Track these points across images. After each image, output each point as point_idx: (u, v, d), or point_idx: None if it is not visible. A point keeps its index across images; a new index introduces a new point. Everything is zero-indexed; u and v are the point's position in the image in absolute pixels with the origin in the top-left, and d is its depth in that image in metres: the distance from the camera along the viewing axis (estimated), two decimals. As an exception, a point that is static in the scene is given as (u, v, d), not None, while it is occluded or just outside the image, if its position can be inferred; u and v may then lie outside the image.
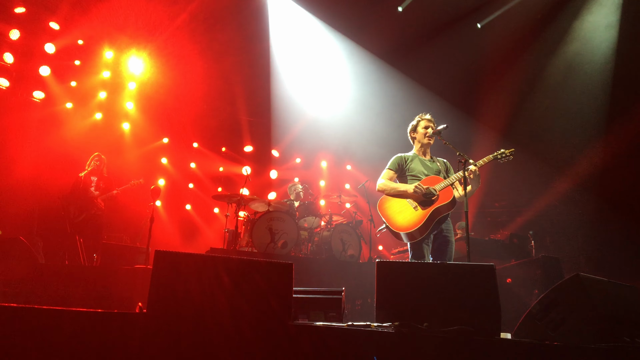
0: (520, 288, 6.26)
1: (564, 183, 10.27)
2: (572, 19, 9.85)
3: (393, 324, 2.84)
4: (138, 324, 2.74)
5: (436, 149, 5.46)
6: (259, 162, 12.81)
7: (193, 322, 2.76)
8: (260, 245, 7.79)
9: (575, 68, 9.99)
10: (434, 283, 3.08)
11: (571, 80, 10.04)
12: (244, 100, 12.36)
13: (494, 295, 2.96)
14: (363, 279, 7.24)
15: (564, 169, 10.25)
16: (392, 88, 11.29)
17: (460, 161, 4.75)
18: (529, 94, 10.60)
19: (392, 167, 5.24)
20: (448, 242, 4.93)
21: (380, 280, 3.13)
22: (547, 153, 10.48)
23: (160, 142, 12.05)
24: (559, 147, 10.40)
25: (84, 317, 2.73)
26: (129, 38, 10.67)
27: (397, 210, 4.93)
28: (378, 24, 10.65)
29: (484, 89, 10.89)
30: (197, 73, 11.23)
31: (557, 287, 3.14)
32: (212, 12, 10.30)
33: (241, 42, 11.03)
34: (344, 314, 3.54)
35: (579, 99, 9.95)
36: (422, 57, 10.86)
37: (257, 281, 2.93)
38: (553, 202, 10.57)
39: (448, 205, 4.85)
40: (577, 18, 9.82)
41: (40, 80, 9.97)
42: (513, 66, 10.53)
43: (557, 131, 10.40)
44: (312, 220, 8.93)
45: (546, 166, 10.42)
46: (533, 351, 2.65)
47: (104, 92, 10.90)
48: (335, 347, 2.72)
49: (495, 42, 10.43)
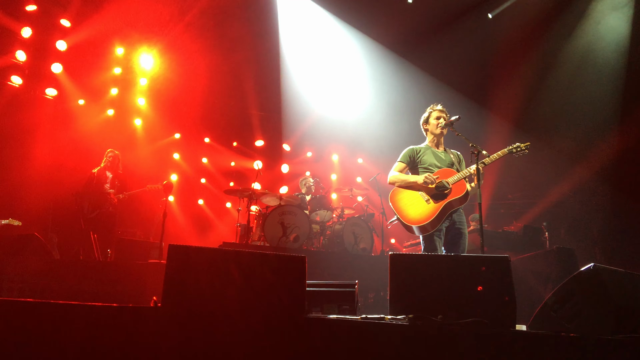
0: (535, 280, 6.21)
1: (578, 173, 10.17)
2: (585, 6, 9.71)
3: (407, 317, 2.82)
4: (153, 317, 2.75)
5: (449, 141, 5.41)
6: (270, 156, 12.82)
7: (206, 315, 2.76)
8: (273, 239, 7.80)
9: (589, 56, 9.86)
10: (448, 275, 3.06)
11: (585, 69, 9.91)
12: (255, 94, 12.37)
13: (509, 287, 2.93)
14: (375, 272, 7.22)
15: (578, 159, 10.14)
16: (403, 80, 11.22)
17: (473, 152, 4.69)
18: (542, 84, 10.48)
19: (404, 160, 5.18)
20: (461, 234, 4.89)
21: (393, 272, 3.11)
22: (561, 143, 10.37)
23: (172, 137, 12.10)
24: (573, 136, 10.29)
25: (99, 312, 2.74)
26: (139, 34, 10.71)
27: (408, 203, 4.89)
28: (388, 16, 10.59)
29: (496, 79, 10.79)
30: (208, 68, 11.26)
31: (573, 278, 3.10)
32: (222, 7, 10.31)
33: (251, 36, 11.04)
34: (357, 307, 3.54)
35: (593, 88, 9.82)
36: (433, 48, 10.77)
37: (270, 275, 2.93)
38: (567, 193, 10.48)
39: (461, 199, 4.80)
40: (590, 5, 9.68)
41: (52, 78, 10.05)
42: (525, 56, 10.42)
43: (571, 121, 10.29)
44: (324, 213, 8.92)
45: (560, 156, 10.32)
46: (549, 343, 2.62)
47: (116, 89, 10.96)
48: (349, 340, 2.71)
49: (507, 32, 10.32)
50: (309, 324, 2.76)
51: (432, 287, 3.05)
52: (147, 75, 11.18)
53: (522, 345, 2.62)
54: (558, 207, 10.59)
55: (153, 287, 5.73)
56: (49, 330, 2.68)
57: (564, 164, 10.34)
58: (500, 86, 10.72)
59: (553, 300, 3.12)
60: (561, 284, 3.14)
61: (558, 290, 3.13)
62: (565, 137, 10.41)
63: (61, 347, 2.65)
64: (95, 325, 2.70)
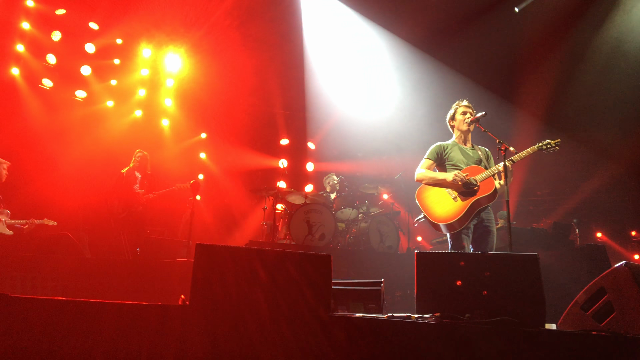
0: (565, 278, 6.10)
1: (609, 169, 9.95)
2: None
3: (434, 315, 2.81)
4: (181, 316, 2.79)
5: (476, 137, 5.35)
6: (295, 155, 12.84)
7: (233, 314, 2.79)
8: (299, 238, 7.82)
9: (620, 48, 9.61)
10: (475, 273, 3.03)
11: (615, 61, 9.67)
12: (280, 93, 12.41)
13: (538, 286, 2.89)
14: (402, 270, 7.19)
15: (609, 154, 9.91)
16: (428, 77, 11.12)
17: (499, 149, 4.63)
18: (571, 78, 10.26)
19: (431, 156, 5.13)
20: (489, 232, 4.82)
21: (420, 271, 3.09)
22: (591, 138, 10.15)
23: (199, 137, 12.23)
24: (604, 131, 10.06)
25: (129, 310, 2.79)
26: (166, 35, 10.85)
27: (435, 201, 4.85)
28: (412, 12, 10.48)
29: (523, 74, 10.60)
30: (233, 68, 11.34)
31: (604, 276, 3.04)
32: (247, 7, 10.37)
33: (276, 36, 11.08)
34: (383, 305, 3.53)
35: (624, 80, 9.58)
36: (458, 44, 10.63)
37: (295, 273, 2.94)
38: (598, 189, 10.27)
39: (489, 196, 4.74)
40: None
41: (81, 80, 10.28)
42: (553, 50, 10.20)
43: (601, 115, 10.05)
44: (349, 211, 8.91)
45: (590, 151, 10.11)
46: (579, 342, 2.57)
47: (143, 90, 11.14)
48: (375, 339, 2.71)
49: (534, 25, 10.11)
50: (334, 322, 2.77)
51: (459, 285, 3.02)
52: (173, 76, 11.34)
53: (552, 345, 2.58)
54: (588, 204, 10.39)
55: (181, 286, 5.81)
56: (80, 328, 2.75)
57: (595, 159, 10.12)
58: (528, 81, 10.53)
59: (584, 299, 3.07)
60: (592, 282, 3.09)
61: (589, 289, 3.08)
62: (595, 132, 10.18)
63: (92, 344, 2.71)
64: (124, 323, 2.76)
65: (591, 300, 3.04)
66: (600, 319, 2.96)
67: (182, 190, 8.58)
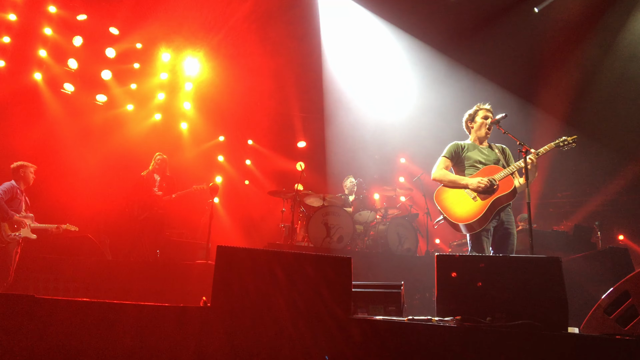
0: (587, 281, 6.02)
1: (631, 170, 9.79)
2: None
3: (454, 318, 2.79)
4: (202, 317, 2.81)
5: (495, 138, 5.31)
6: (312, 157, 12.85)
7: (253, 315, 2.80)
8: (317, 240, 7.83)
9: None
10: (496, 276, 3.00)
11: (637, 61, 9.51)
12: (297, 96, 12.45)
13: (561, 289, 2.85)
14: (421, 272, 7.16)
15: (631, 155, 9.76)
16: (447, 78, 11.06)
17: (520, 150, 4.59)
18: (591, 79, 10.12)
19: (448, 155, 5.09)
20: (510, 234, 4.77)
21: (440, 273, 3.07)
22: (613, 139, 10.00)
23: (217, 140, 12.32)
24: (625, 131, 9.90)
25: (151, 311, 2.82)
26: (185, 40, 10.96)
27: (455, 201, 4.81)
28: (431, 14, 10.45)
29: (543, 75, 10.50)
30: (250, 71, 11.41)
31: (628, 279, 2.99)
32: (264, 11, 10.43)
33: (293, 39, 11.12)
34: (403, 308, 3.51)
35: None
36: (477, 45, 10.58)
37: (315, 275, 2.94)
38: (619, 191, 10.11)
39: (509, 195, 4.69)
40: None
41: (102, 84, 10.43)
42: (574, 50, 10.09)
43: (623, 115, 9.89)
44: (368, 214, 8.89)
45: (612, 152, 9.95)
46: (603, 346, 2.54)
47: (163, 94, 11.26)
48: (395, 342, 2.70)
49: (554, 26, 10.01)
50: (354, 325, 2.76)
51: (480, 288, 2.99)
52: (192, 80, 11.44)
53: (574, 349, 2.54)
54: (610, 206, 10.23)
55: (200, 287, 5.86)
56: (102, 328, 2.78)
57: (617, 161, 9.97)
58: (548, 82, 10.42)
59: (607, 302, 3.02)
60: (615, 286, 3.04)
61: (612, 292, 3.03)
62: (617, 132, 10.03)
63: (113, 345, 2.74)
64: (145, 324, 2.79)
65: (614, 303, 2.99)
66: (624, 323, 2.91)
67: (201, 191, 8.65)
